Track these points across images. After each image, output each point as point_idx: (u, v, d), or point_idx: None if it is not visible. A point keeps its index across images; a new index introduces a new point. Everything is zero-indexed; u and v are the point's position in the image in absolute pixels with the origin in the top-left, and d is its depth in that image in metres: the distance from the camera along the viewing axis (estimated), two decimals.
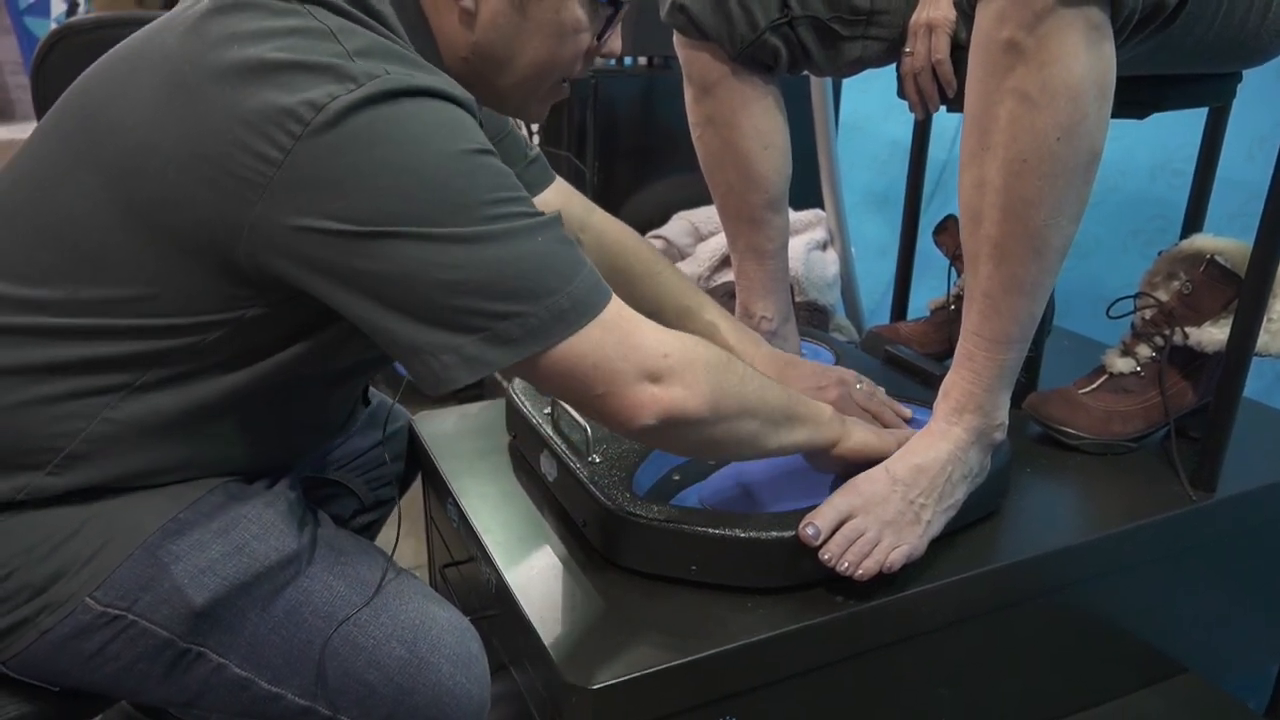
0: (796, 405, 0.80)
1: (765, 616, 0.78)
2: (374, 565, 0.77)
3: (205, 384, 0.68)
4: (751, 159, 1.03)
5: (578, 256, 0.67)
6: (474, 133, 0.64)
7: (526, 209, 0.65)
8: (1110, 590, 0.96)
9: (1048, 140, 0.71)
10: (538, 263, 0.63)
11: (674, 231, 1.63)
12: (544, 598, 0.81)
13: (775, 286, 1.12)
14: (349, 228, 0.60)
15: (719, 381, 0.72)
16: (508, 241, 0.62)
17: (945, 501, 0.82)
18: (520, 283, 0.62)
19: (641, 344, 0.68)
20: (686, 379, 0.69)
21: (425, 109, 0.62)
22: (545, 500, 0.96)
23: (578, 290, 0.65)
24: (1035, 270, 0.76)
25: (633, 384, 0.67)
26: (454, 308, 0.62)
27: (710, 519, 0.80)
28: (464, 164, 0.62)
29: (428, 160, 0.61)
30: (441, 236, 0.60)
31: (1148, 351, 1.07)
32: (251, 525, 0.72)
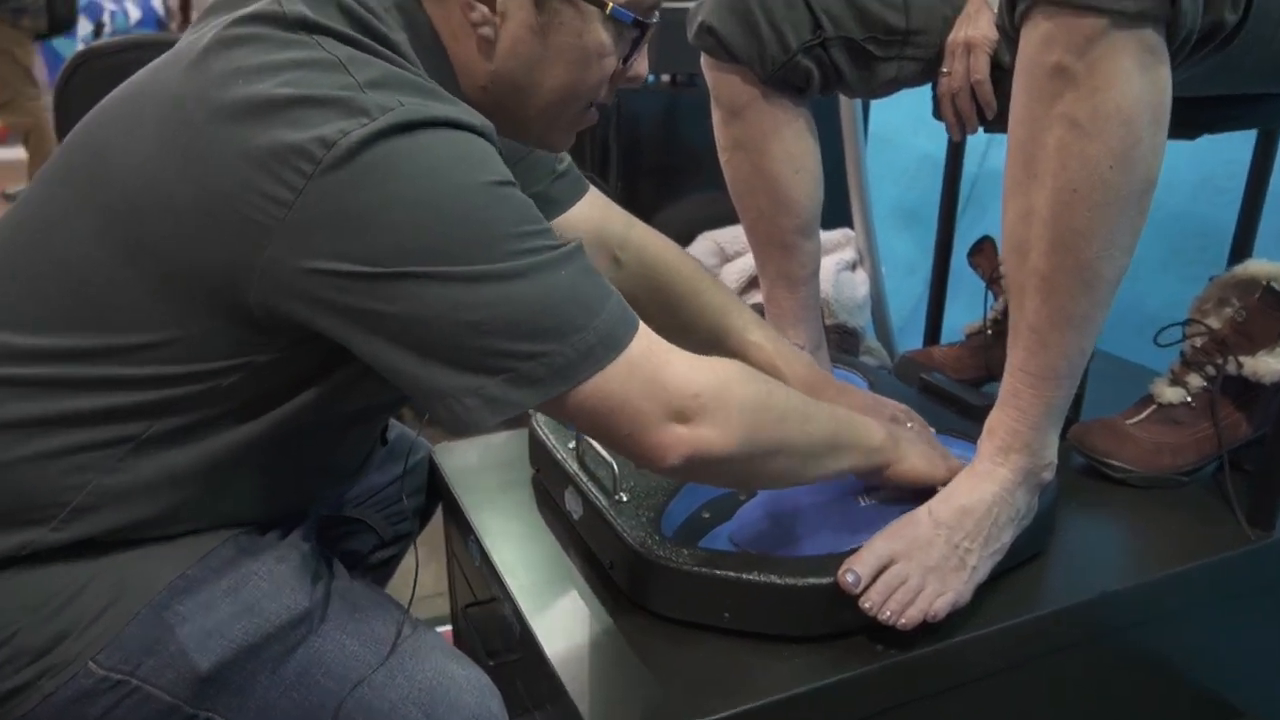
0: (842, 434, 0.77)
1: (802, 668, 0.74)
2: (389, 620, 0.73)
3: (216, 432, 0.66)
4: (782, 184, 1.00)
5: (604, 287, 0.64)
6: (494, 163, 0.61)
7: (550, 241, 0.62)
8: (1161, 633, 0.92)
9: (1099, 169, 0.67)
10: (564, 298, 0.61)
11: (699, 252, 1.60)
12: (569, 645, 0.78)
13: (806, 314, 1.08)
14: (365, 269, 0.57)
15: (754, 421, 0.69)
16: (533, 277, 0.60)
17: (991, 545, 0.78)
18: (546, 320, 0.60)
19: (669, 383, 0.65)
20: (718, 419, 0.66)
21: (443, 140, 0.59)
22: (570, 538, 0.93)
23: (604, 324, 0.62)
24: (1086, 304, 0.72)
25: (658, 425, 0.65)
26: (477, 349, 0.59)
27: (744, 563, 0.77)
28: (485, 197, 0.59)
29: (447, 194, 0.58)
30: (464, 276, 0.58)
31: (1199, 381, 1.02)
32: (262, 582, 0.69)
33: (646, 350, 0.65)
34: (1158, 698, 0.96)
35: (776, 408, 0.71)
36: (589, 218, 0.96)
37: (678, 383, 0.65)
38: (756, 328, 0.95)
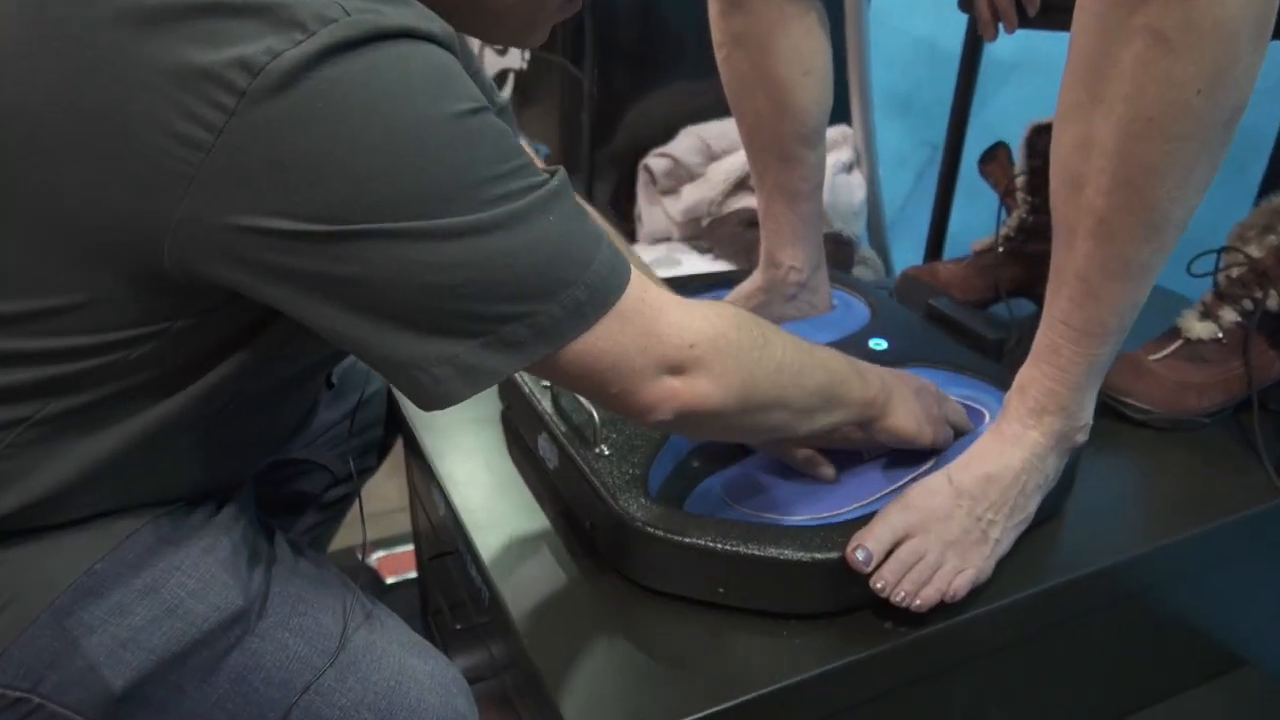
0: (836, 387, 0.68)
1: (804, 649, 0.67)
2: (338, 609, 0.64)
3: (127, 410, 0.55)
4: (787, 86, 0.87)
5: (594, 231, 0.54)
6: (463, 84, 0.49)
7: (532, 178, 0.51)
8: (1177, 591, 0.86)
9: (1185, 94, 0.55)
10: (551, 249, 0.51)
11: (682, 149, 1.46)
12: (543, 621, 0.70)
13: (807, 231, 0.97)
14: (311, 227, 0.46)
15: (750, 372, 0.61)
16: (515, 228, 0.50)
17: (1017, 516, 0.70)
18: (531, 277, 0.51)
19: (664, 334, 0.57)
20: (713, 370, 0.59)
21: (399, 60, 0.47)
22: (545, 488, 0.84)
23: (596, 276, 0.53)
24: (1148, 251, 0.62)
25: (651, 379, 0.57)
26: (449, 312, 0.50)
27: (742, 535, 0.68)
28: (455, 132, 0.48)
29: (409, 132, 0.46)
30: (433, 231, 0.47)
31: (1232, 315, 0.93)
32: (186, 579, 0.59)
33: (640, 300, 0.56)
34: (1165, 653, 0.91)
35: (773, 358, 0.63)
36: None
37: (672, 333, 0.57)
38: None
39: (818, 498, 0.75)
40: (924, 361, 0.91)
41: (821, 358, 0.68)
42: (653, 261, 1.48)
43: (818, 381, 0.66)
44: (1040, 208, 1.10)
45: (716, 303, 0.64)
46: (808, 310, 1.01)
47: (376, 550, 1.49)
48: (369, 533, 1.55)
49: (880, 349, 0.93)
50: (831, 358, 0.69)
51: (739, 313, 0.63)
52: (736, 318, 0.62)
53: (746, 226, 1.36)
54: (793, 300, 0.99)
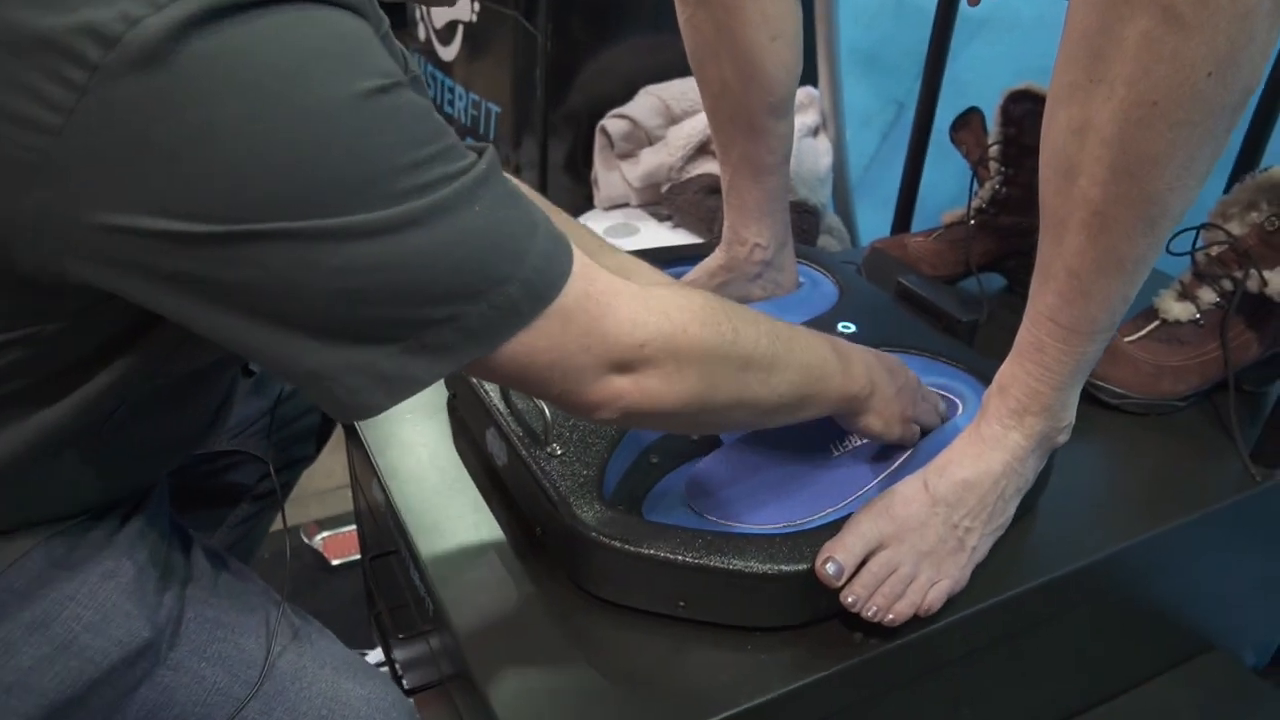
0: (814, 385, 0.63)
1: (770, 665, 0.63)
2: (262, 630, 0.59)
3: (3, 422, 0.48)
4: (755, 52, 0.80)
5: (528, 218, 0.48)
6: (372, 56, 0.42)
7: (456, 164, 0.45)
8: (1150, 583, 0.83)
9: (1194, 76, 0.50)
10: (479, 244, 0.45)
11: (641, 111, 1.39)
12: (490, 634, 0.65)
13: (773, 207, 0.91)
14: (196, 228, 0.39)
15: (711, 371, 0.56)
16: (435, 223, 0.43)
17: (995, 522, 0.66)
18: (456, 276, 0.44)
19: (611, 332, 0.51)
20: (667, 369, 0.54)
21: (293, 26, 0.39)
22: (493, 487, 0.79)
23: (531, 270, 0.47)
24: (1144, 245, 0.57)
25: (595, 378, 0.52)
26: (362, 318, 0.44)
27: (704, 546, 0.63)
28: (363, 115, 0.41)
29: (306, 116, 0.39)
30: (340, 230, 0.41)
31: (1211, 296, 0.90)
32: (82, 610, 0.53)
33: (584, 294, 0.50)
34: (1135, 642, 0.89)
35: (739, 355, 0.57)
36: None
37: (621, 332, 0.52)
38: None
39: (785, 500, 0.71)
40: (894, 346, 0.87)
41: (801, 351, 0.62)
42: (610, 229, 1.41)
43: (790, 381, 0.61)
44: (1014, 179, 1.06)
45: (682, 289, 0.58)
46: (773, 290, 0.95)
47: (322, 530, 1.43)
48: (314, 511, 1.50)
49: (849, 332, 0.89)
50: (813, 350, 0.64)
51: (707, 301, 0.57)
52: (703, 309, 0.56)
53: (708, 194, 1.30)
54: (757, 279, 0.94)
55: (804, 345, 0.63)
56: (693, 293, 0.57)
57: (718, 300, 0.58)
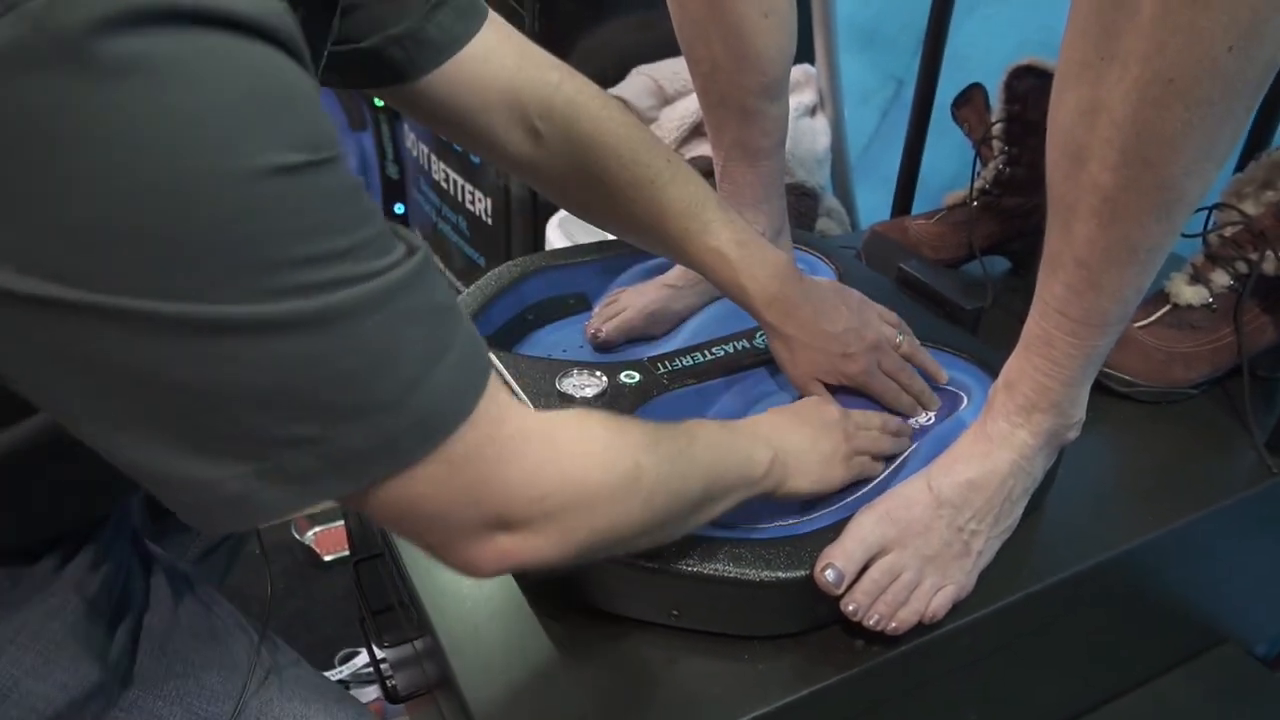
0: (715, 487, 0.56)
1: (769, 675, 0.60)
2: (230, 665, 0.56)
3: None
4: (747, 31, 0.77)
5: (442, 339, 0.41)
6: (300, 121, 0.35)
7: (367, 267, 0.37)
8: (1161, 579, 0.80)
9: (1214, 50, 0.47)
10: (363, 361, 0.37)
11: (633, 91, 1.35)
12: (476, 645, 0.62)
13: (768, 193, 0.88)
14: (17, 290, 0.33)
15: (608, 522, 0.49)
16: (311, 330, 0.36)
17: (1001, 524, 0.63)
18: (330, 393, 0.37)
19: (504, 488, 0.44)
20: (560, 526, 0.46)
21: (211, 60, 0.32)
22: None
23: (425, 402, 0.40)
24: (1157, 233, 0.54)
25: (474, 536, 0.45)
26: (206, 426, 0.36)
27: (699, 553, 0.60)
28: (261, 192, 0.34)
29: (190, 180, 0.32)
30: (195, 321, 0.34)
31: (1224, 279, 0.87)
32: (23, 654, 0.49)
33: (485, 439, 0.42)
34: (1146, 638, 0.86)
35: (642, 490, 0.50)
36: (492, 69, 0.68)
37: (517, 487, 0.44)
38: (723, 228, 0.71)
39: (782, 504, 0.68)
40: None
41: (703, 464, 0.55)
42: None
43: (692, 500, 0.54)
44: (1019, 158, 1.02)
45: (591, 422, 0.50)
46: None
47: (314, 526, 1.41)
48: None
49: None
50: (713, 456, 0.57)
51: (611, 439, 0.50)
52: (608, 448, 0.49)
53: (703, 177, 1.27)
54: None
55: (705, 453, 0.56)
56: (594, 430, 0.50)
57: (619, 431, 0.51)
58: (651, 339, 0.87)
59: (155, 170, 0.32)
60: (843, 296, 0.76)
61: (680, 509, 0.54)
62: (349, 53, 0.62)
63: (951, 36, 1.22)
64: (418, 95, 0.67)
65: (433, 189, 1.70)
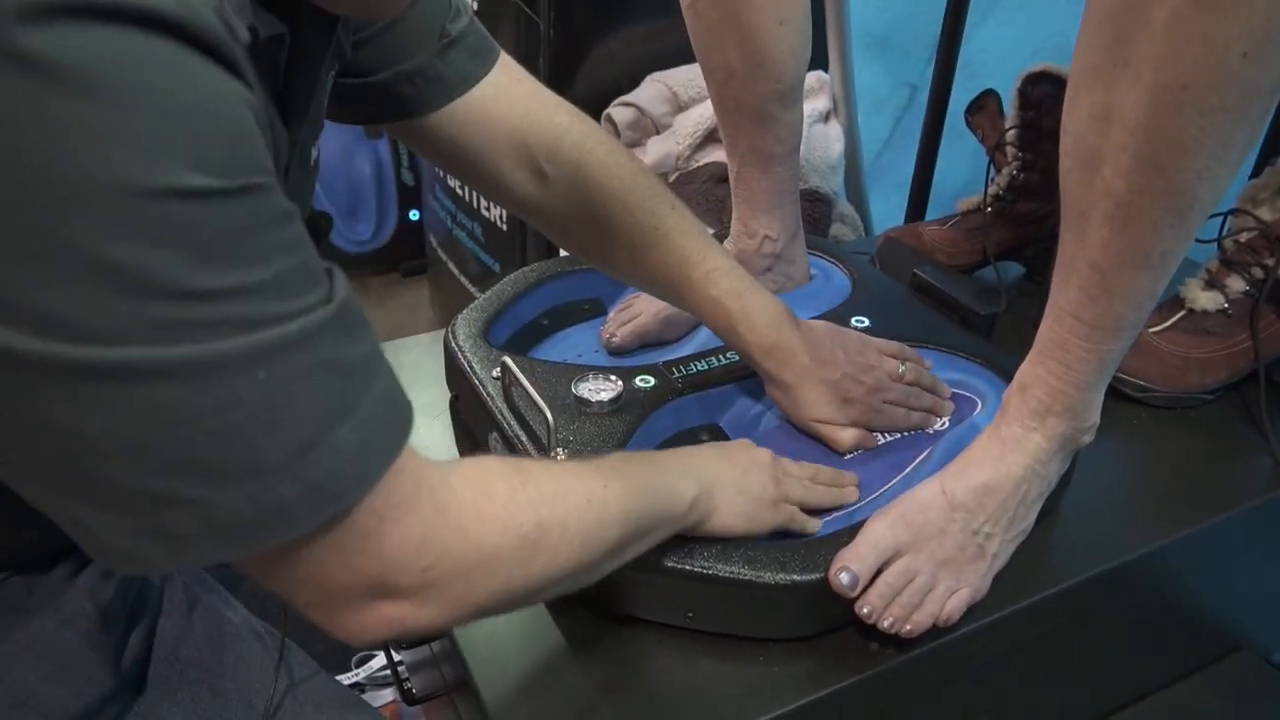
0: (631, 531, 0.54)
1: (783, 677, 0.61)
2: (245, 672, 0.56)
3: None
4: (761, 37, 0.78)
5: (347, 397, 0.37)
6: (216, 143, 0.32)
7: (263, 309, 0.34)
8: (1177, 585, 0.80)
9: (1227, 58, 0.47)
10: (249, 418, 0.34)
11: (647, 99, 1.36)
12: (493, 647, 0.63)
13: (783, 199, 0.89)
14: None
15: (506, 579, 0.46)
16: (192, 378, 0.33)
17: (1016, 527, 0.64)
18: (209, 452, 0.34)
19: (392, 556, 0.41)
20: (450, 593, 0.44)
21: (81, 74, 0.29)
22: None
23: (320, 468, 0.36)
24: (1171, 238, 0.54)
25: (353, 603, 0.42)
26: (80, 473, 0.34)
27: (713, 555, 0.61)
28: (155, 213, 0.31)
29: (57, 192, 0.29)
30: (67, 363, 0.31)
31: (1240, 284, 0.87)
32: (40, 661, 0.50)
33: (379, 513, 0.40)
34: (1161, 644, 0.86)
35: (543, 549, 0.47)
36: (502, 109, 0.67)
37: (399, 556, 0.41)
38: (723, 277, 0.71)
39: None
40: (910, 340, 0.84)
41: (619, 510, 0.52)
42: None
43: (607, 546, 0.52)
44: (1033, 164, 1.03)
45: (487, 478, 0.47)
46: (784, 283, 0.93)
47: None
48: None
49: (862, 326, 0.86)
50: (633, 501, 0.54)
51: (512, 497, 0.47)
52: (507, 506, 0.46)
53: (716, 183, 1.27)
54: (768, 272, 0.91)
55: (620, 494, 0.53)
56: (493, 487, 0.46)
57: (521, 484, 0.48)
58: (665, 344, 0.88)
59: (31, 171, 0.29)
60: (840, 341, 0.75)
61: (593, 557, 0.51)
62: (359, 86, 0.62)
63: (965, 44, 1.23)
64: (426, 131, 0.67)
65: (448, 195, 1.72)
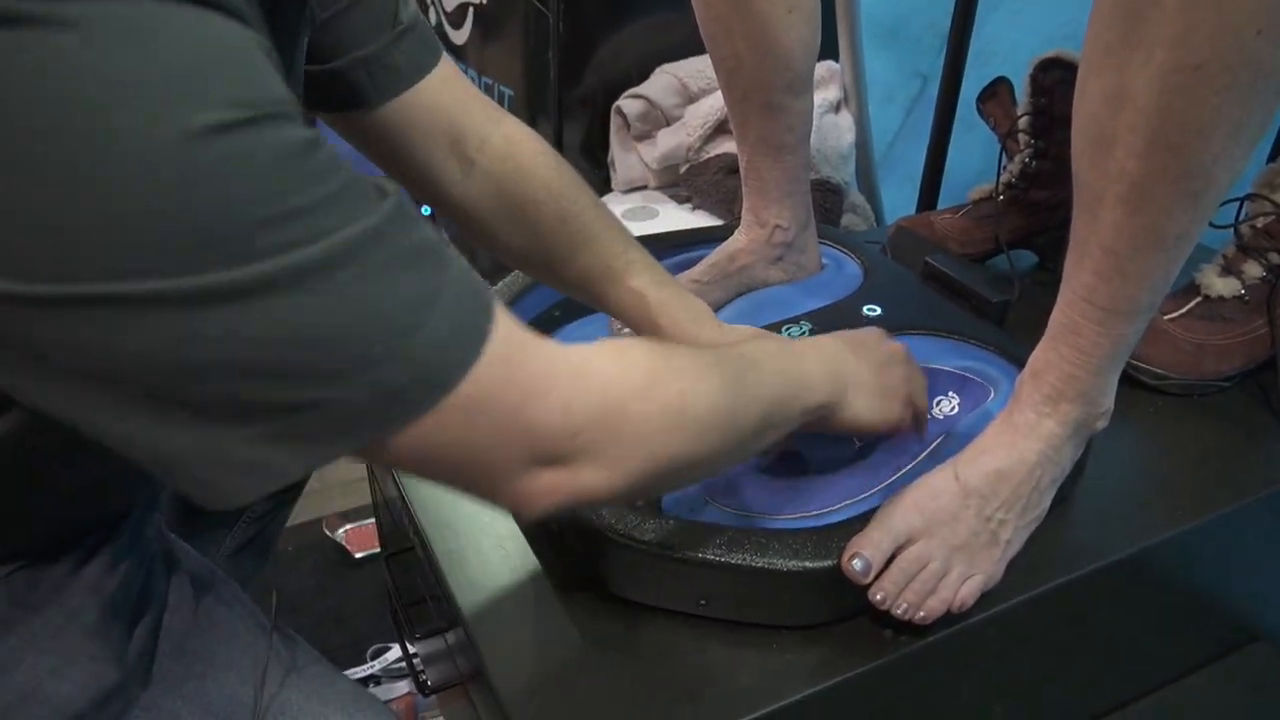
0: (775, 410, 0.55)
1: (796, 665, 0.60)
2: (250, 666, 0.56)
3: None
4: (770, 25, 0.77)
5: (432, 281, 0.39)
6: (238, 73, 0.34)
7: (334, 222, 0.36)
8: (1193, 574, 0.80)
9: (1242, 34, 0.47)
10: (348, 316, 0.36)
11: (657, 90, 1.36)
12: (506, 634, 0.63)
13: (793, 187, 0.88)
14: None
15: (662, 447, 0.47)
16: (297, 292, 0.35)
17: (1030, 514, 0.63)
18: (317, 356, 0.36)
19: (537, 421, 0.42)
20: (606, 458, 0.45)
21: (118, 29, 0.31)
22: None
23: (424, 348, 0.38)
24: (1186, 220, 0.54)
25: (519, 475, 0.44)
26: (206, 398, 0.35)
27: (726, 543, 0.61)
28: (202, 155, 0.32)
29: (125, 154, 0.31)
30: (170, 296, 0.33)
31: (1257, 270, 0.86)
32: (45, 656, 0.50)
33: (505, 380, 0.41)
34: (1177, 634, 0.85)
35: (695, 418, 0.48)
36: (444, 101, 0.68)
37: (550, 420, 0.43)
38: (645, 269, 0.71)
39: (808, 493, 0.68)
40: (922, 328, 0.84)
41: (757, 391, 0.53)
42: (628, 212, 1.39)
43: (752, 422, 0.53)
44: (1045, 151, 1.02)
45: (629, 350, 0.49)
46: (795, 272, 0.92)
47: (344, 523, 1.43)
48: (336, 503, 1.49)
49: (874, 315, 0.85)
50: (770, 375, 0.55)
51: (651, 367, 0.48)
52: (648, 375, 0.47)
53: (727, 174, 1.27)
54: (779, 262, 0.91)
55: (758, 378, 0.54)
56: (642, 353, 0.48)
57: (664, 358, 0.49)
58: None
59: (88, 151, 0.31)
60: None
61: (736, 435, 0.52)
62: (315, 74, 0.62)
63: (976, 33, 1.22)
64: (371, 123, 0.66)
65: None
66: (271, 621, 0.61)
